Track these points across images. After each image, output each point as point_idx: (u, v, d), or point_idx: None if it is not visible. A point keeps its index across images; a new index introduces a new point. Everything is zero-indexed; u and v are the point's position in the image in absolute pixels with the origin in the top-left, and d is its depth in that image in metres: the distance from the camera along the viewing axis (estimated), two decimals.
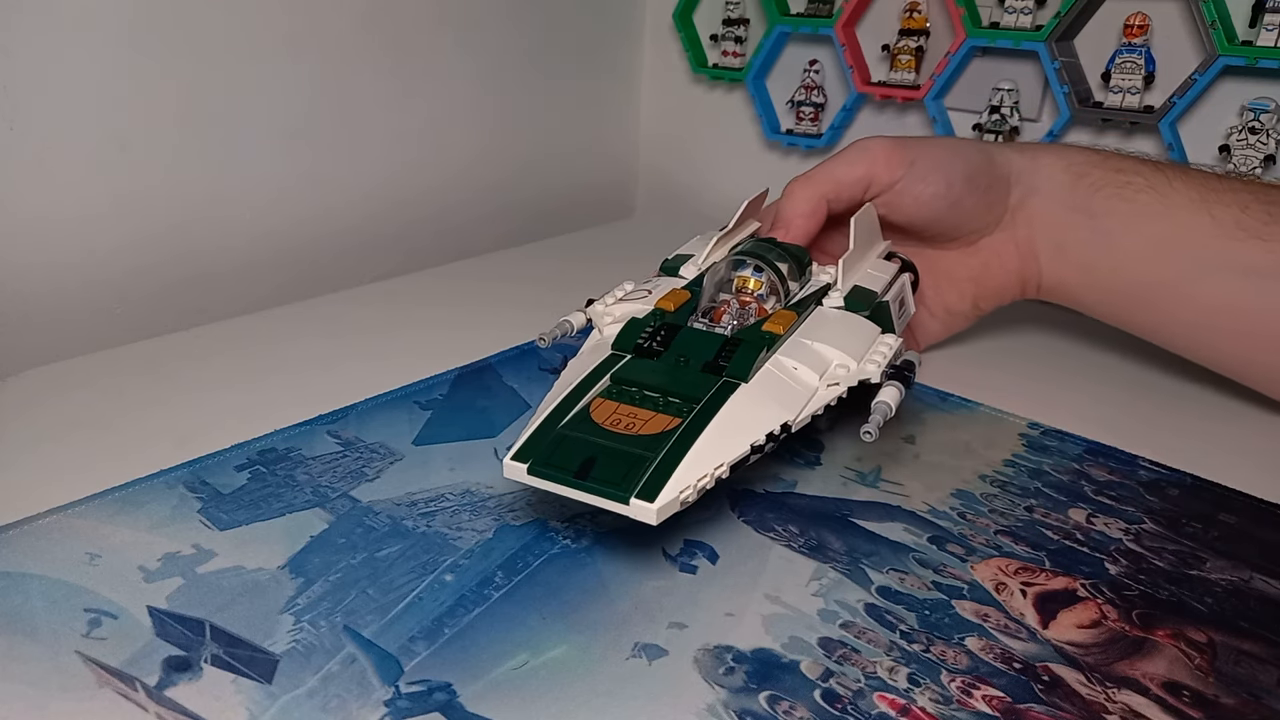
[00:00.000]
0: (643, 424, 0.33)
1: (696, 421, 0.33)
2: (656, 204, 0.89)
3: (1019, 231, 0.47)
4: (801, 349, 0.37)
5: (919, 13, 0.67)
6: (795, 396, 0.36)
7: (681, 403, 0.34)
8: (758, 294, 0.40)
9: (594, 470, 0.31)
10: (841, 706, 0.27)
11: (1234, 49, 0.54)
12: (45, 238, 0.52)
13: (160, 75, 0.55)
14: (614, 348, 0.37)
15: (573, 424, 0.33)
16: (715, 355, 0.36)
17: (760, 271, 0.40)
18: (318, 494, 0.37)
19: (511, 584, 0.32)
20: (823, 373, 0.37)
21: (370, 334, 0.54)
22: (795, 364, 0.37)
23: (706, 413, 0.33)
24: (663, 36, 0.84)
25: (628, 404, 0.34)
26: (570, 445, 0.32)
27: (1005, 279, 0.48)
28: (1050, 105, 0.64)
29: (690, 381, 0.35)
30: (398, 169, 0.69)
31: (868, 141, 0.45)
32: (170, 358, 0.49)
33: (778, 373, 0.36)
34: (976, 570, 0.34)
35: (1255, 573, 0.34)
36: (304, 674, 0.28)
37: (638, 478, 0.30)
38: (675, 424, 0.33)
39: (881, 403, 0.35)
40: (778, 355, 0.37)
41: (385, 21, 0.65)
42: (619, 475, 0.31)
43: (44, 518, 0.35)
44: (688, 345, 0.37)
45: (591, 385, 0.35)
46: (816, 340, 0.38)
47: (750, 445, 0.33)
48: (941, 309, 0.50)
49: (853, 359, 0.37)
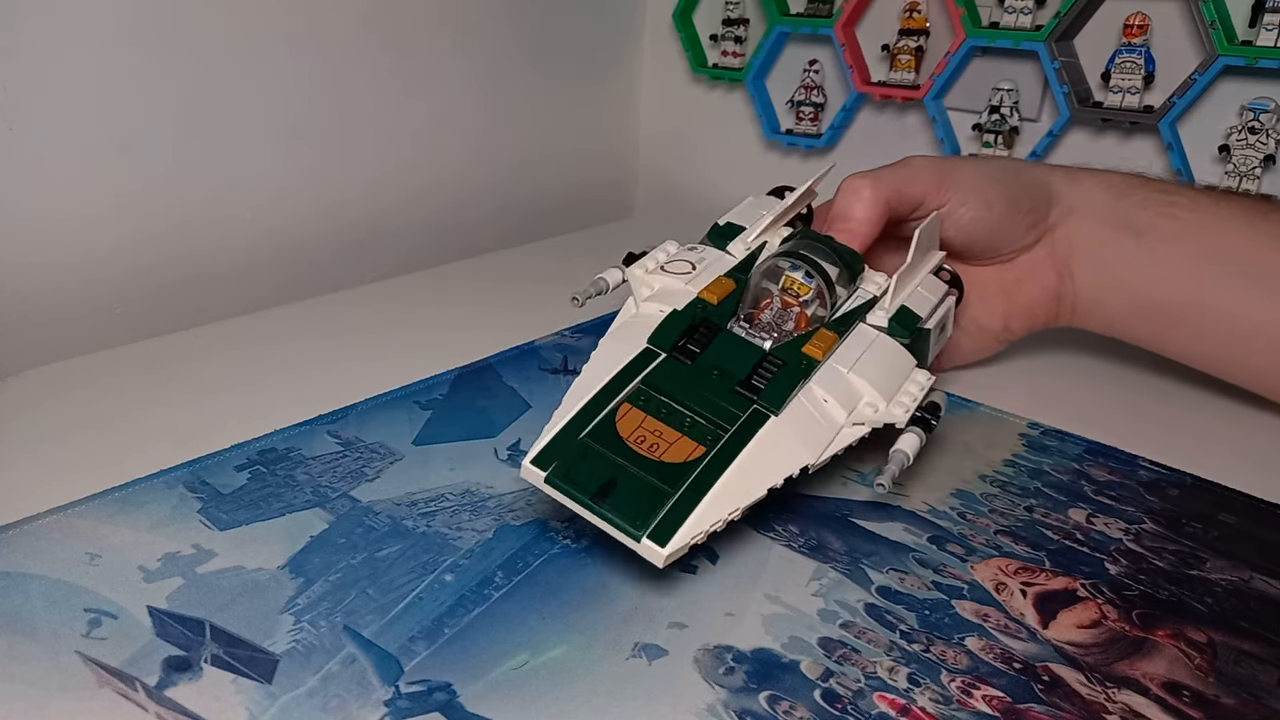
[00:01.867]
0: (667, 447, 0.32)
1: (722, 455, 0.32)
2: (656, 204, 0.89)
3: (1056, 249, 0.46)
4: (835, 378, 0.37)
5: (919, 13, 0.67)
6: (820, 435, 0.35)
7: (709, 426, 0.33)
8: (803, 299, 0.39)
9: (612, 494, 0.31)
10: (841, 706, 0.27)
11: (1234, 49, 0.54)
12: (45, 238, 0.52)
13: (160, 75, 0.55)
14: (650, 342, 0.37)
15: (596, 434, 0.33)
16: (750, 373, 0.35)
17: (810, 277, 0.39)
18: (318, 494, 0.37)
19: (511, 584, 0.32)
20: (851, 410, 0.36)
21: (370, 334, 0.54)
22: (826, 396, 0.36)
23: (732, 446, 0.33)
24: (663, 36, 0.84)
25: (654, 417, 0.34)
26: (592, 461, 0.32)
27: (1038, 295, 0.47)
28: (1050, 105, 0.64)
29: (721, 402, 0.34)
30: (398, 169, 0.69)
31: (918, 161, 0.44)
32: (170, 358, 0.49)
33: (808, 404, 0.36)
34: (976, 570, 0.34)
35: (1255, 573, 0.34)
36: (304, 674, 0.28)
37: (654, 515, 0.30)
38: (700, 453, 0.32)
39: (899, 451, 0.35)
40: (812, 384, 0.36)
41: (385, 21, 0.65)
42: (636, 507, 0.31)
43: (44, 518, 0.35)
44: (724, 353, 0.36)
45: (622, 386, 0.35)
46: (851, 370, 0.37)
47: (768, 489, 0.33)
48: (972, 325, 0.48)
49: (883, 398, 0.37)
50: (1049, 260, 0.47)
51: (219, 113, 0.58)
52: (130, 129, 0.54)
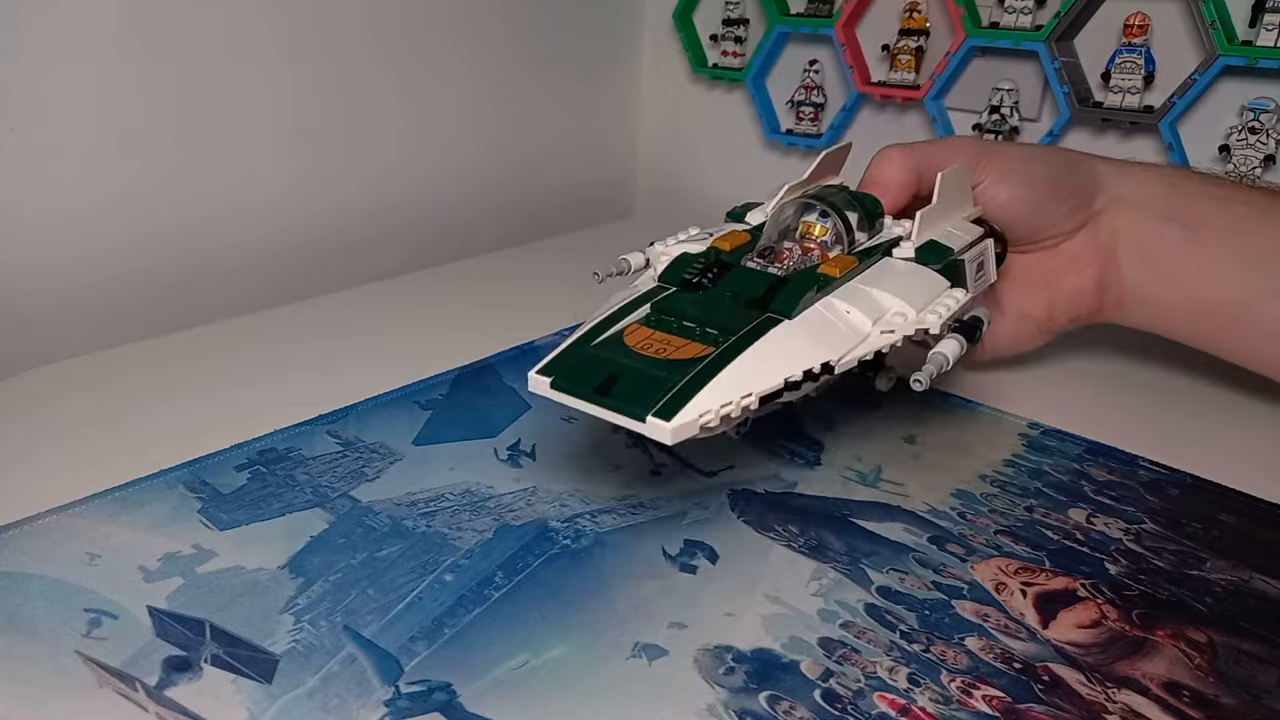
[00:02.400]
0: (675, 350, 0.32)
1: (731, 350, 0.31)
2: (656, 204, 0.89)
3: (1101, 237, 0.45)
4: (858, 294, 0.35)
5: (919, 13, 0.67)
6: (842, 338, 0.34)
7: (719, 333, 0.32)
8: (821, 240, 0.38)
9: (615, 388, 0.30)
10: (841, 706, 0.27)
11: (1234, 49, 0.54)
12: (45, 238, 0.52)
13: (160, 75, 0.55)
14: (660, 279, 0.36)
15: (603, 345, 0.32)
16: (764, 293, 0.34)
17: (826, 217, 0.38)
18: (318, 494, 0.37)
19: (511, 584, 0.32)
20: (877, 319, 0.35)
21: (370, 334, 0.54)
22: (848, 308, 0.35)
23: (742, 343, 0.32)
24: (663, 36, 0.84)
25: (664, 331, 0.33)
26: (596, 363, 0.31)
27: (1081, 284, 0.46)
28: (1050, 105, 0.64)
29: (732, 314, 0.33)
30: (398, 168, 0.69)
31: (957, 140, 0.43)
32: (170, 358, 0.49)
33: (827, 313, 0.34)
34: (976, 570, 0.34)
35: (1255, 573, 0.34)
36: (304, 674, 0.28)
37: (658, 397, 0.29)
38: (708, 352, 0.31)
39: (938, 353, 0.33)
40: (831, 298, 0.35)
41: (385, 21, 0.65)
42: (639, 394, 0.30)
43: (44, 518, 0.35)
44: (737, 282, 0.35)
45: (631, 312, 0.34)
46: (875, 286, 0.36)
47: (785, 379, 0.31)
48: (1014, 310, 0.46)
49: (912, 308, 0.35)
50: (1093, 248, 0.45)
51: (219, 113, 0.58)
52: (130, 129, 0.54)
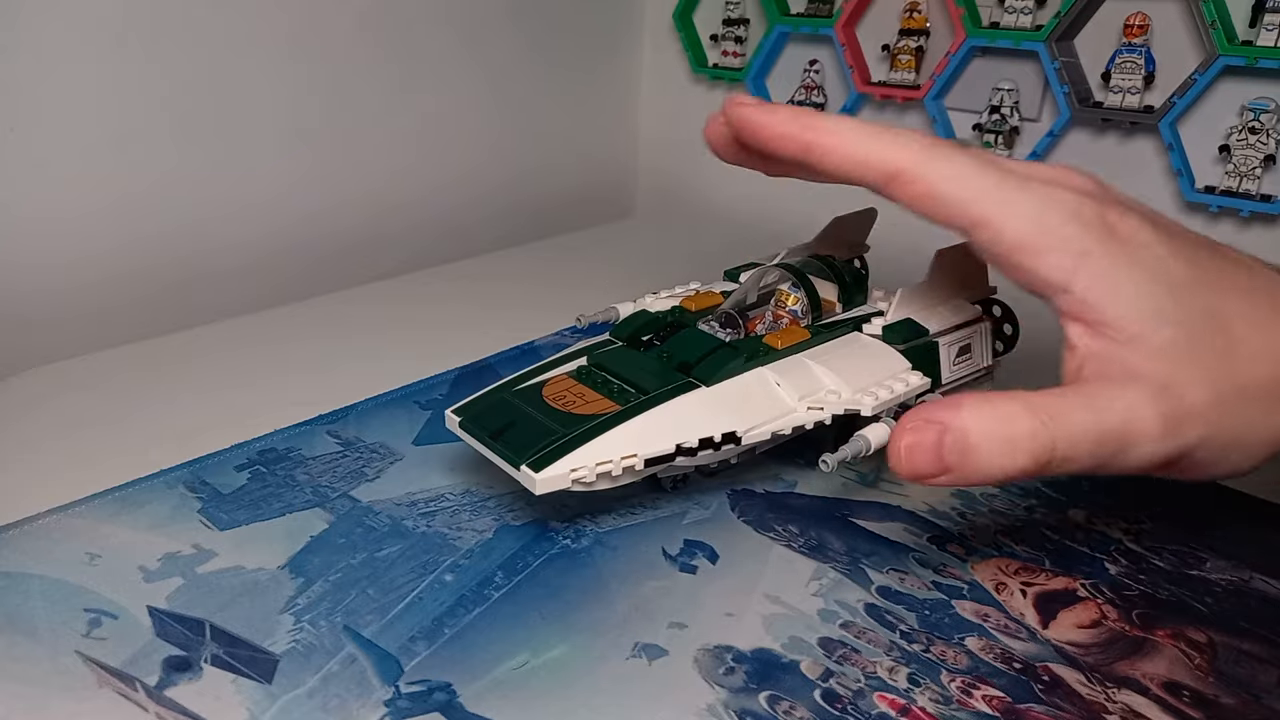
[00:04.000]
0: (584, 404, 0.33)
1: (633, 410, 0.32)
2: (656, 205, 0.89)
3: None
4: (797, 368, 0.35)
5: (919, 13, 0.67)
6: (757, 410, 0.33)
7: (635, 392, 0.33)
8: (792, 310, 0.38)
9: (505, 434, 0.32)
10: (841, 706, 0.27)
11: (1234, 49, 0.54)
12: (45, 238, 0.52)
13: (160, 75, 0.55)
14: (611, 334, 0.37)
15: (519, 392, 0.34)
16: (697, 358, 0.34)
17: (797, 288, 0.38)
18: (318, 494, 0.37)
19: (511, 584, 0.32)
20: (807, 395, 0.34)
21: (370, 334, 0.54)
22: (778, 380, 0.34)
23: (648, 404, 0.32)
24: (663, 36, 0.84)
25: (584, 384, 0.34)
26: (501, 408, 0.33)
27: None
28: (1050, 105, 0.64)
29: (656, 375, 0.34)
30: (397, 169, 0.69)
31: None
32: (170, 358, 0.49)
33: (754, 384, 0.34)
34: (976, 570, 0.34)
35: (1255, 573, 0.34)
36: (304, 674, 0.28)
37: (539, 448, 0.31)
38: (613, 409, 0.32)
39: (860, 436, 0.32)
40: (764, 369, 0.35)
41: (385, 21, 0.65)
42: (523, 442, 0.31)
43: (44, 518, 0.35)
44: (678, 344, 0.36)
45: (571, 360, 0.35)
46: (817, 361, 0.35)
47: (676, 444, 0.32)
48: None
49: (850, 387, 0.34)
50: None
51: (219, 113, 0.58)
52: (130, 129, 0.54)
